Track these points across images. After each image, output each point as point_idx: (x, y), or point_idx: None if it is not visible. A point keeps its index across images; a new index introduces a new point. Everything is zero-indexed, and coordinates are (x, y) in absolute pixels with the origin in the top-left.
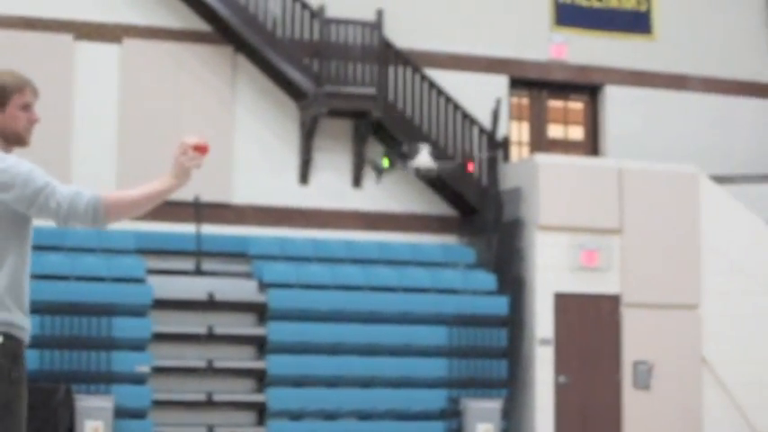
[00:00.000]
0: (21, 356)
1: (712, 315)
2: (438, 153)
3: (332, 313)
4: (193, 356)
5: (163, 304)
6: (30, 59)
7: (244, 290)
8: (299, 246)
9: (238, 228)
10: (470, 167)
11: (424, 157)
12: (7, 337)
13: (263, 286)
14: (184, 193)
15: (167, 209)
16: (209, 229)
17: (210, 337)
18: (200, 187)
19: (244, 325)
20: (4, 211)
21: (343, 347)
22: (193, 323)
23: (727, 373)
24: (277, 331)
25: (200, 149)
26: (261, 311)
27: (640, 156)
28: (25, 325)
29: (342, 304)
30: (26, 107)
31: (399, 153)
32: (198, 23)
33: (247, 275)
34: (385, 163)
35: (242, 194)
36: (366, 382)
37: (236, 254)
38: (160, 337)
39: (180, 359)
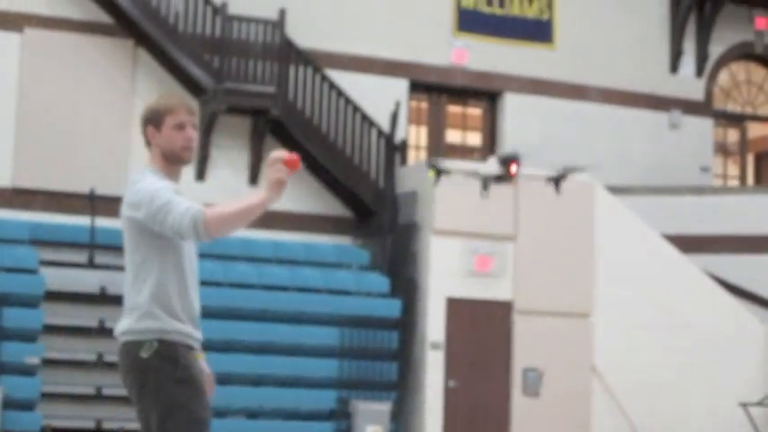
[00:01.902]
0: (181, 358)
1: (603, 324)
2: (337, 154)
3: (225, 310)
4: (84, 349)
5: (55, 296)
6: None
7: None
8: None
9: None
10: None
11: (491, 165)
12: (161, 342)
13: None
14: (80, 185)
15: (62, 200)
16: (104, 221)
17: (102, 331)
18: (96, 179)
19: None
20: (142, 228)
21: (235, 345)
22: (85, 316)
23: (617, 382)
24: None
25: (290, 164)
26: None
27: (537, 163)
28: (181, 329)
29: (235, 302)
30: (180, 126)
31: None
32: (100, 15)
33: None
34: (430, 174)
35: None
36: (256, 381)
37: None
38: (51, 329)
39: (70, 352)
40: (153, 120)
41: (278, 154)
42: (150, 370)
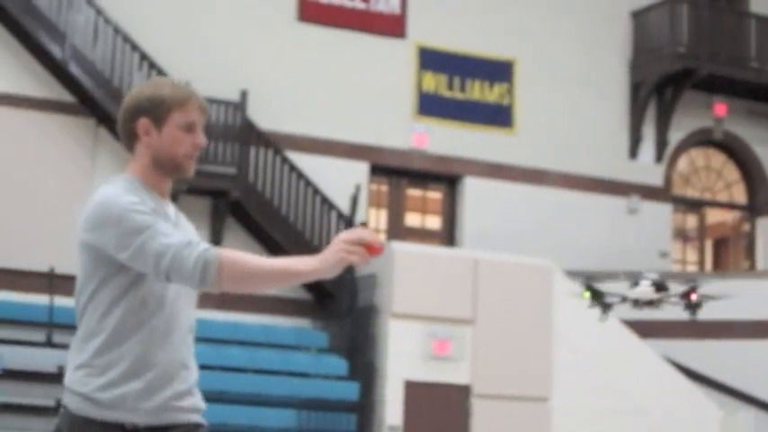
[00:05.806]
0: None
1: (562, 408)
2: (296, 236)
3: None
4: (40, 429)
5: (12, 375)
6: None
7: None
8: None
9: None
10: (692, 297)
11: (644, 289)
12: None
13: None
14: (39, 264)
15: (21, 278)
16: (63, 301)
17: (58, 410)
18: (55, 258)
19: None
20: (100, 256)
21: None
22: (42, 395)
23: None
24: None
25: (372, 249)
26: None
27: (496, 247)
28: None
29: None
30: (190, 127)
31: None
32: (62, 94)
33: None
34: (585, 295)
35: None
36: None
37: None
38: (7, 408)
39: (26, 431)
40: (152, 111)
41: (364, 234)
42: None
